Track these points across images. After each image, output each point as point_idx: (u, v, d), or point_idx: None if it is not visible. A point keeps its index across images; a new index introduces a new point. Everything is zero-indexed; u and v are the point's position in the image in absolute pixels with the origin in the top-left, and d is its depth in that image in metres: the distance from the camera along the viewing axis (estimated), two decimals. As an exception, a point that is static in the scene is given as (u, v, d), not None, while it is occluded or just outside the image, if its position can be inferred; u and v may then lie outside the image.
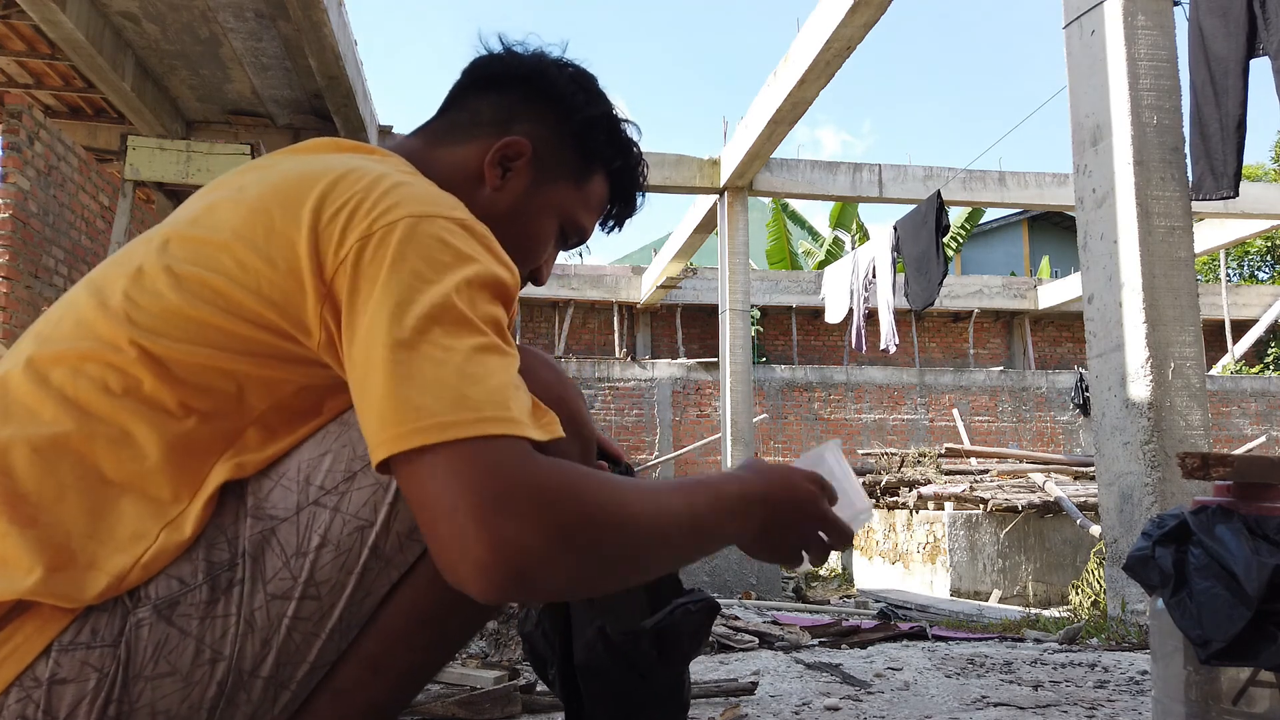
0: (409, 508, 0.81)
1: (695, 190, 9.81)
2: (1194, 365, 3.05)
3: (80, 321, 0.80)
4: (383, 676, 0.85)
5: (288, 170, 0.84)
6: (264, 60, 6.98)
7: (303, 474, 0.81)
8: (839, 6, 6.20)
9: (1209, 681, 1.08)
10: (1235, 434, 15.02)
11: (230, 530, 0.79)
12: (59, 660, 0.73)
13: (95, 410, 0.77)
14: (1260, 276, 22.13)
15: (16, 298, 5.81)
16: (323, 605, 0.80)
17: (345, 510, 0.80)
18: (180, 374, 0.78)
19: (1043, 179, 10.09)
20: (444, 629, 0.87)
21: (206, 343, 0.78)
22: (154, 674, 0.75)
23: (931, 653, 2.25)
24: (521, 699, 1.57)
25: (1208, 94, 3.33)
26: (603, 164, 1.05)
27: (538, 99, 1.01)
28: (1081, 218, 3.34)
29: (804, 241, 19.93)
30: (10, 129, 5.91)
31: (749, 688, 1.72)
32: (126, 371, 0.77)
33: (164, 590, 0.76)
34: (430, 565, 0.82)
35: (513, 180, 0.99)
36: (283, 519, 0.80)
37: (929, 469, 9.12)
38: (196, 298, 0.78)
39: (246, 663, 0.78)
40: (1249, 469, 1.13)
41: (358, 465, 0.81)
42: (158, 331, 0.78)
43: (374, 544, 0.81)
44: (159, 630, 0.76)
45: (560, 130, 1.01)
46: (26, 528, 0.73)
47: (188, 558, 0.77)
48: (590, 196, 1.05)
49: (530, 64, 1.02)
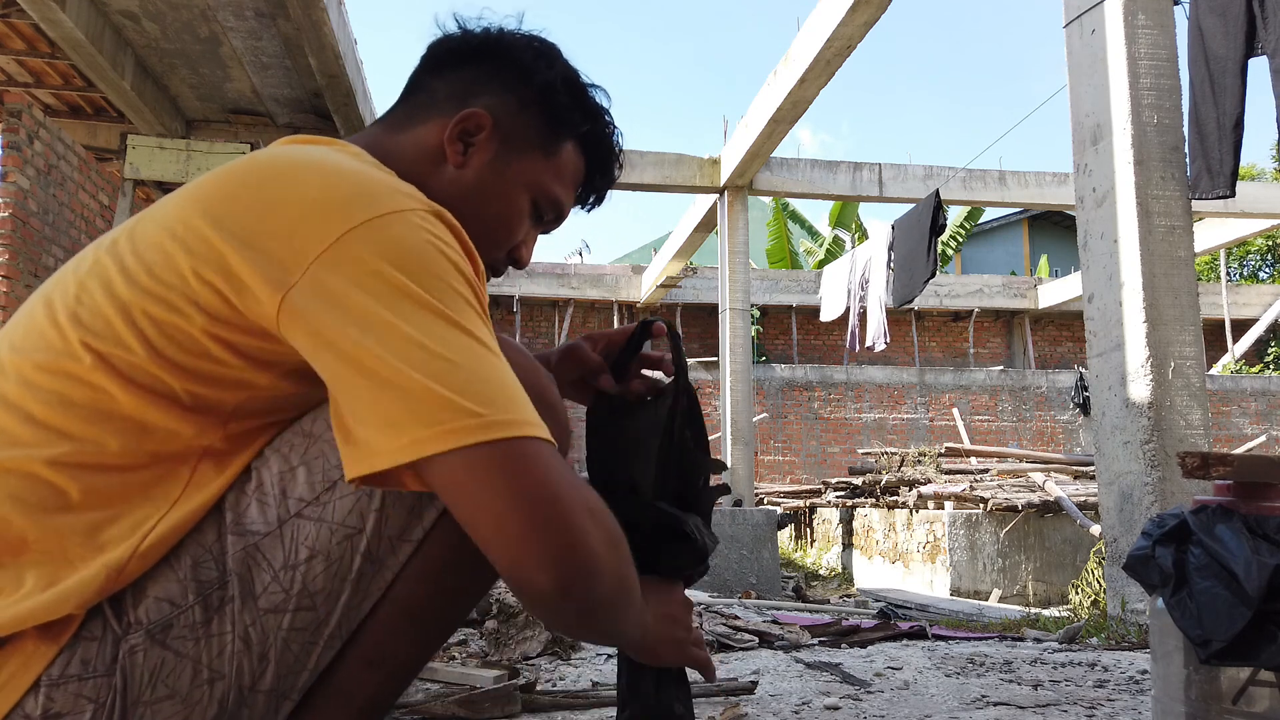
0: (407, 509, 0.81)
1: (695, 189, 9.80)
2: (1194, 365, 3.05)
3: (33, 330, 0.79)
4: (379, 671, 0.85)
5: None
6: (264, 59, 6.97)
7: (278, 488, 0.80)
8: (839, 6, 6.20)
9: (1209, 681, 1.08)
10: (1235, 434, 15.03)
11: (215, 548, 0.78)
12: (50, 695, 0.71)
13: (61, 424, 0.75)
14: (1260, 276, 22.13)
15: (16, 297, 5.80)
16: (319, 614, 0.80)
17: (330, 520, 0.79)
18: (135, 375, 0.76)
19: (1043, 178, 10.08)
20: (438, 620, 0.88)
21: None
22: (153, 699, 0.74)
23: (931, 652, 2.25)
24: (521, 698, 1.57)
25: (1206, 93, 3.33)
26: (570, 131, 0.99)
27: (496, 70, 0.97)
28: (1081, 217, 3.34)
29: (804, 241, 19.92)
30: (10, 128, 5.91)
31: (749, 687, 1.72)
32: (85, 380, 0.76)
33: (155, 614, 0.75)
34: (421, 562, 0.83)
35: (476, 155, 0.95)
36: (264, 534, 0.78)
37: (929, 468, 9.12)
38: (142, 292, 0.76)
39: (246, 679, 0.78)
40: (1249, 469, 1.13)
41: (336, 474, 0.80)
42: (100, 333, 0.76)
43: (366, 550, 0.80)
44: (154, 655, 0.74)
45: (522, 99, 0.97)
46: (17, 555, 0.73)
47: (176, 579, 0.76)
48: (562, 168, 1.00)
49: (485, 37, 0.99)
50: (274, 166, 0.79)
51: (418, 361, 0.69)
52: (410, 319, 0.70)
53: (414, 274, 0.72)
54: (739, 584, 6.55)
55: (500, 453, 0.69)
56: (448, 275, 0.74)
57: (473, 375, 0.70)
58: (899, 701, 1.66)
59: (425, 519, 0.82)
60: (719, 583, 6.54)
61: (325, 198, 0.75)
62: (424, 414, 0.68)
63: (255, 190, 0.77)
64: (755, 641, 2.35)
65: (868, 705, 1.62)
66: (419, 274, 0.72)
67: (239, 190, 0.78)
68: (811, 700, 1.66)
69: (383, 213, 0.74)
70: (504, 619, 2.12)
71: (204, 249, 0.75)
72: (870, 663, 2.08)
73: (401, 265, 0.72)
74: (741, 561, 6.74)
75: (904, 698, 1.69)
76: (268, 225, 0.75)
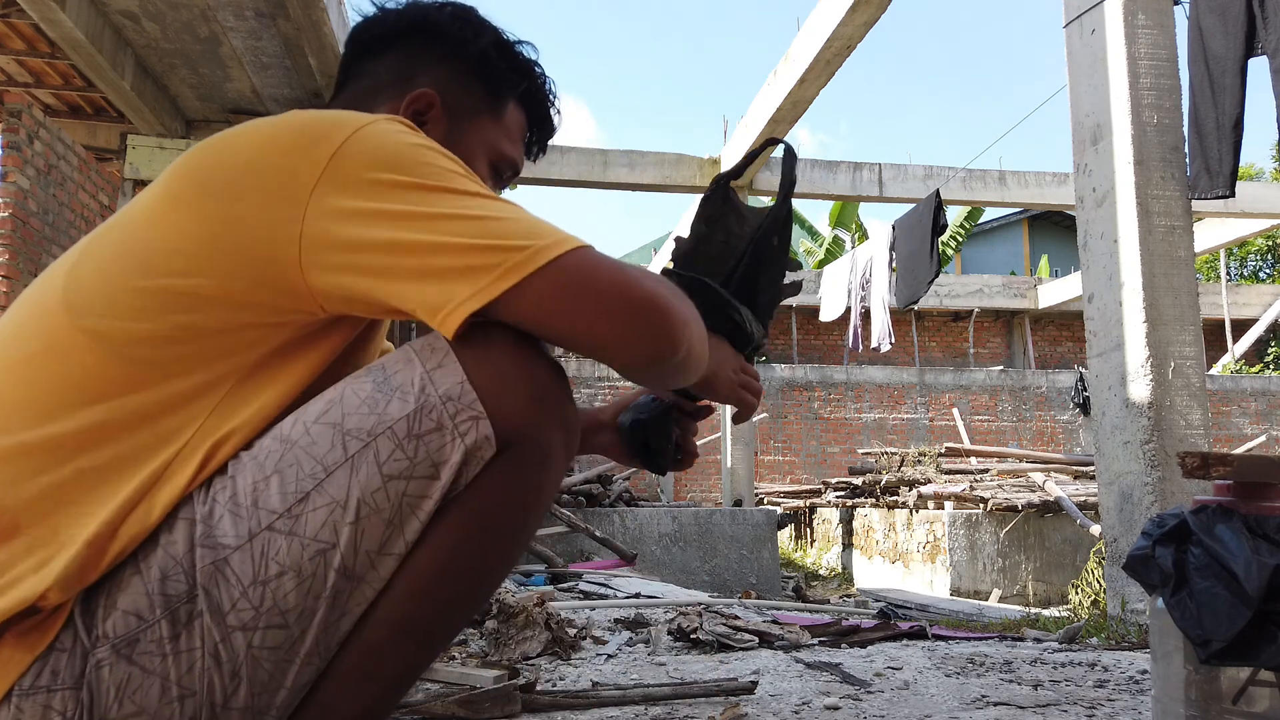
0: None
1: (695, 189, 9.79)
2: (1194, 364, 3.05)
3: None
4: (373, 683, 0.82)
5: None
6: (264, 59, 6.97)
7: (250, 498, 0.78)
8: (839, 6, 6.20)
9: (1209, 681, 1.08)
10: (1235, 433, 15.02)
11: (185, 560, 0.76)
12: (20, 705, 0.71)
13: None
14: (1260, 276, 22.13)
15: (16, 297, 5.80)
16: (292, 633, 0.77)
17: (302, 534, 0.77)
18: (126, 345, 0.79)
19: (1043, 178, 10.08)
20: (433, 634, 0.85)
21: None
22: (120, 715, 0.73)
23: (931, 652, 2.25)
24: (521, 698, 1.57)
25: (1205, 93, 3.33)
26: (510, 90, 1.05)
27: (428, 46, 1.02)
28: (1081, 217, 3.34)
29: (804, 240, 19.91)
30: (10, 128, 5.90)
31: (749, 687, 1.72)
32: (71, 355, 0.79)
33: (121, 628, 0.74)
34: (409, 576, 0.80)
35: (431, 132, 0.99)
36: (234, 547, 0.76)
37: (929, 468, 9.12)
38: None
39: (218, 696, 0.76)
40: (1249, 468, 1.12)
41: (308, 485, 0.77)
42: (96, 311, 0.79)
43: (341, 566, 0.77)
44: (120, 670, 0.73)
45: (459, 70, 1.02)
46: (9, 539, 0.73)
47: (144, 591, 0.75)
48: (509, 127, 1.06)
49: (409, 15, 1.03)
50: (238, 131, 0.84)
51: (449, 230, 0.76)
52: (424, 202, 0.77)
53: (405, 169, 0.79)
54: (739, 584, 6.55)
55: (560, 269, 0.76)
56: (431, 159, 0.81)
57: (501, 222, 0.78)
58: (899, 701, 1.66)
59: (408, 530, 0.79)
60: (719, 583, 6.54)
61: (299, 133, 0.81)
62: (480, 264, 0.75)
63: (230, 153, 0.82)
64: (755, 641, 2.35)
65: (868, 705, 1.62)
66: (410, 166, 0.79)
67: (213, 156, 0.82)
68: (811, 700, 1.66)
69: (355, 129, 0.80)
70: (504, 619, 2.12)
71: (199, 208, 0.80)
72: (870, 663, 2.08)
73: (392, 166, 0.78)
74: (741, 561, 6.74)
75: (904, 698, 1.69)
76: (255, 172, 0.79)
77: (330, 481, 0.77)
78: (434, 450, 0.79)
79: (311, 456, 0.78)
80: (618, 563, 5.48)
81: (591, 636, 2.37)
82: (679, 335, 0.80)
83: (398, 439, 0.78)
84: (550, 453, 0.83)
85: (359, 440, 0.78)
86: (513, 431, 0.80)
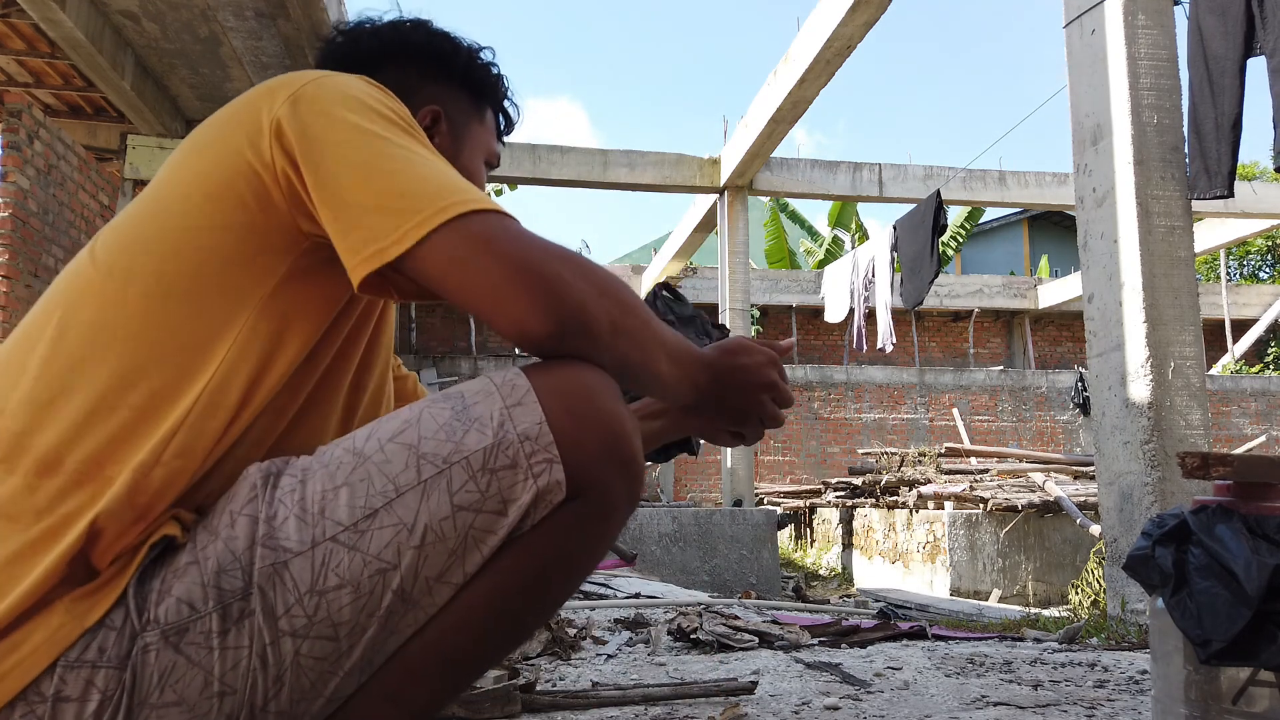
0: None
1: (695, 189, 9.80)
2: (1194, 365, 3.05)
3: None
4: (400, 708, 0.82)
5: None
6: (264, 59, 6.97)
7: (317, 506, 0.78)
8: (839, 6, 6.21)
9: (1209, 681, 1.08)
10: (1235, 434, 15.02)
11: (244, 557, 0.76)
12: (64, 676, 0.71)
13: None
14: (1260, 276, 22.13)
15: (16, 296, 5.80)
16: (340, 646, 0.77)
17: (366, 550, 0.77)
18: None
19: (1043, 178, 10.08)
20: (468, 666, 0.85)
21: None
22: (160, 702, 0.73)
23: (931, 652, 2.25)
24: (521, 698, 1.57)
25: (1204, 93, 3.33)
26: (491, 97, 1.15)
27: (417, 63, 1.09)
28: (1081, 217, 3.34)
29: (804, 241, 19.92)
30: (10, 128, 5.91)
31: (749, 687, 1.72)
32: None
33: (173, 615, 0.74)
34: (461, 608, 0.80)
35: (441, 143, 1.07)
36: (296, 553, 0.77)
37: (929, 468, 9.12)
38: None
39: (259, 698, 0.76)
40: (1249, 469, 1.12)
41: (378, 502, 0.78)
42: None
43: (399, 588, 0.77)
44: (166, 657, 0.73)
45: (450, 83, 1.11)
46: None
47: (199, 581, 0.75)
48: (490, 126, 1.16)
49: (390, 36, 1.10)
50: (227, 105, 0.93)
51: (379, 171, 0.80)
52: (361, 143, 0.82)
53: (356, 110, 0.84)
54: (739, 584, 6.55)
55: (464, 227, 0.78)
56: (384, 110, 0.86)
57: (425, 180, 0.81)
58: (899, 701, 1.66)
59: (469, 563, 0.79)
60: (719, 583, 6.54)
61: (268, 85, 0.89)
62: (399, 209, 0.78)
63: (216, 114, 0.92)
64: (755, 641, 2.35)
65: (868, 705, 1.62)
66: (360, 110, 0.85)
67: (206, 122, 0.92)
68: (811, 700, 1.66)
69: (316, 76, 0.88)
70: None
71: (199, 155, 0.88)
72: (870, 663, 2.08)
73: (348, 106, 0.84)
74: (741, 561, 6.74)
75: (904, 698, 1.69)
76: (233, 116, 0.88)
77: (400, 502, 0.78)
78: (506, 487, 0.78)
79: (384, 474, 0.78)
80: (618, 563, 5.48)
81: (591, 636, 2.37)
82: (568, 315, 0.79)
83: (472, 471, 0.78)
84: (616, 505, 0.83)
85: (433, 466, 0.78)
86: (583, 479, 0.80)
